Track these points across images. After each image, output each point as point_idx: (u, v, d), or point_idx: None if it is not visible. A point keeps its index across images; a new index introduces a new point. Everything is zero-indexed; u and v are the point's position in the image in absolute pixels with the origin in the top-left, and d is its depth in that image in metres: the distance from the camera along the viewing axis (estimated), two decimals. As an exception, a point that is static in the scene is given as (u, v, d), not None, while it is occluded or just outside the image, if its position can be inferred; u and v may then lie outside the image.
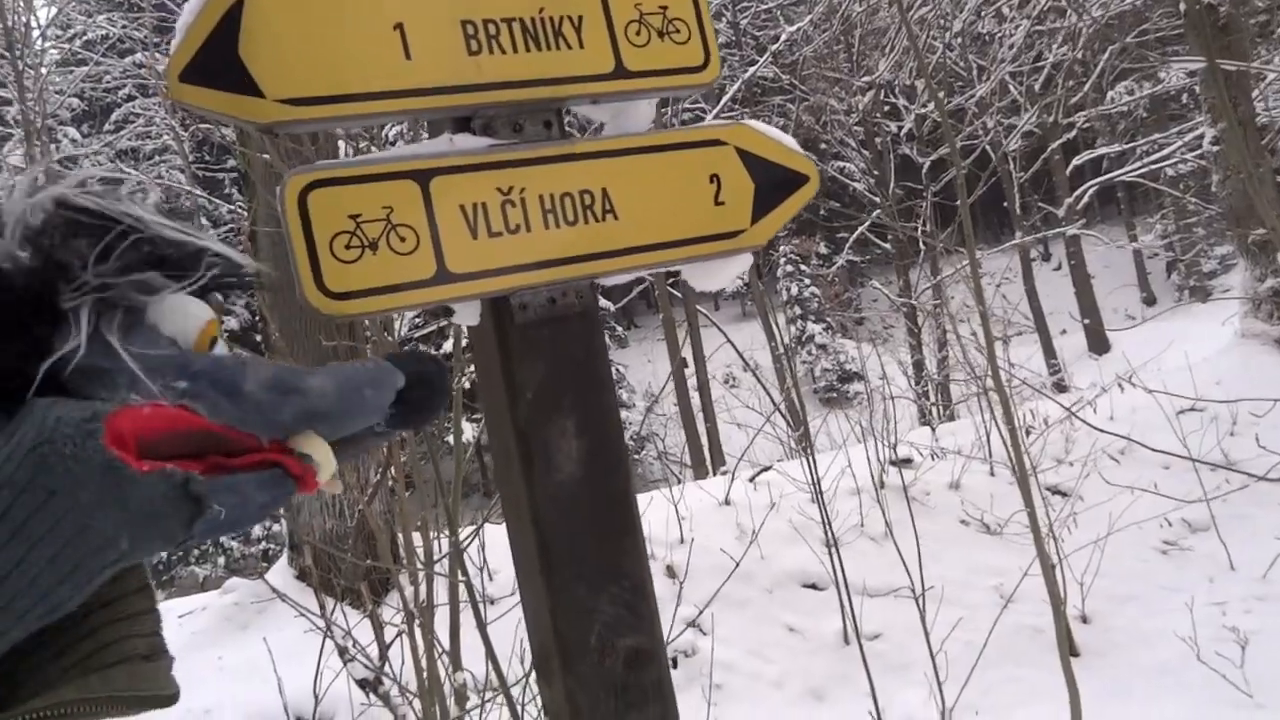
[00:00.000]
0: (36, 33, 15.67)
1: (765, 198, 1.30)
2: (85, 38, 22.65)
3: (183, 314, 0.65)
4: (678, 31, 1.26)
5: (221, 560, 18.67)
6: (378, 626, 3.82)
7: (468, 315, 1.19)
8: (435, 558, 3.32)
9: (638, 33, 1.24)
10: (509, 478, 1.17)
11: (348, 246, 1.03)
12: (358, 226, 1.03)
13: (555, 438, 1.15)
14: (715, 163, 1.28)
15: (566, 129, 1.25)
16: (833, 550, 4.44)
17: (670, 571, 5.10)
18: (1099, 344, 18.85)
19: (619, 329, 25.82)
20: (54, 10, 17.72)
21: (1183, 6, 7.57)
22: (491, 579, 4.52)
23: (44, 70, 16.75)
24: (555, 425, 1.15)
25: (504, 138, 1.18)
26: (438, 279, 1.08)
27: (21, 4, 14.00)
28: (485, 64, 1.14)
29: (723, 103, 14.13)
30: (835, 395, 22.41)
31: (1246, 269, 8.04)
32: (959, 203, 4.74)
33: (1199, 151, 9.75)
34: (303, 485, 0.63)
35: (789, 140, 1.33)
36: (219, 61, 1.00)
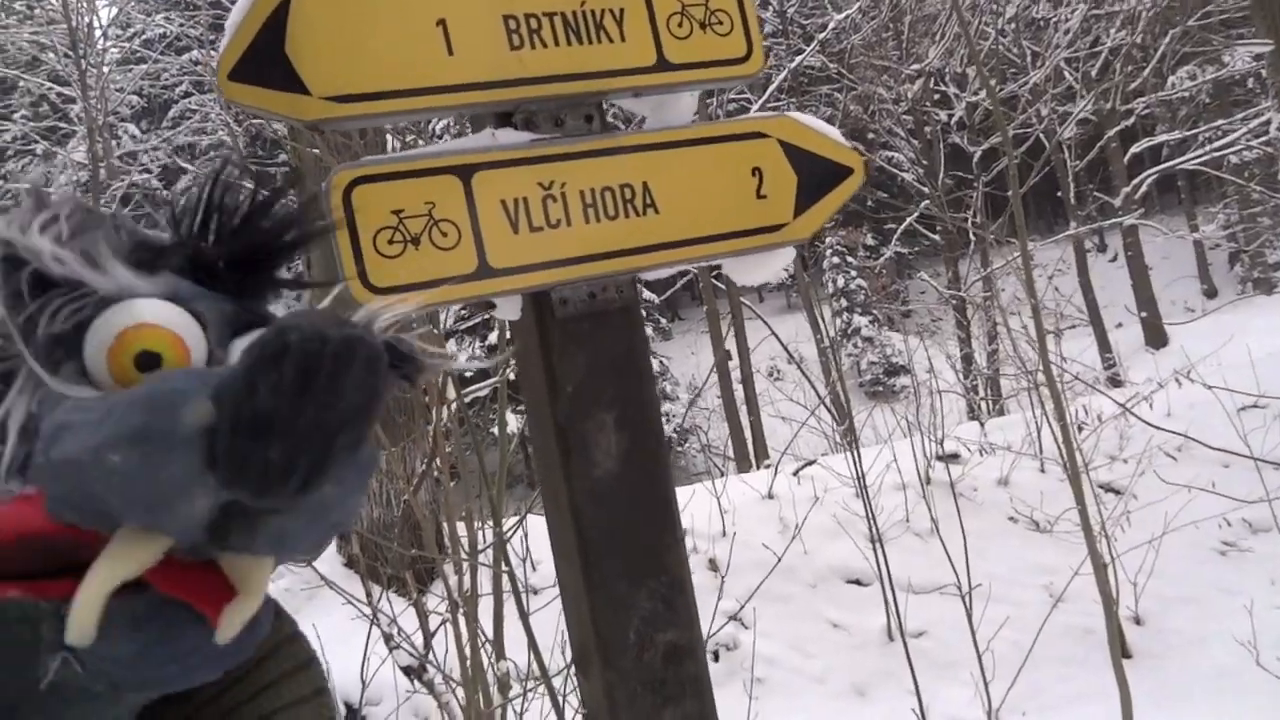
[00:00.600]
0: (99, 32, 16.13)
1: (809, 191, 1.29)
2: (144, 36, 23.24)
3: (97, 337, 0.52)
4: (720, 23, 1.25)
5: (274, 546, 19.10)
6: (422, 615, 3.88)
7: (509, 310, 1.19)
8: (479, 548, 3.35)
9: (679, 24, 1.23)
10: (549, 472, 1.18)
11: (390, 241, 1.04)
12: (400, 222, 1.04)
13: (594, 432, 1.15)
14: (758, 155, 1.27)
15: (609, 122, 1.25)
16: (877, 546, 4.40)
17: (712, 565, 5.09)
18: (1156, 338, 18.34)
19: (663, 321, 25.80)
20: (115, 10, 18.22)
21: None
22: (535, 569, 4.56)
23: (105, 69, 17.22)
24: (595, 420, 1.15)
25: (545, 132, 1.19)
26: (479, 273, 1.09)
27: (85, 5, 14.40)
28: (527, 58, 1.14)
29: (769, 92, 14.01)
30: (881, 389, 22.14)
31: (1314, 261, 7.75)
32: (1010, 193, 4.64)
33: (1265, 138, 9.44)
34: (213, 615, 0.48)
35: (834, 132, 1.32)
36: (266, 60, 1.01)
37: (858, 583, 5.24)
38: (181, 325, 0.53)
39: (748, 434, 14.44)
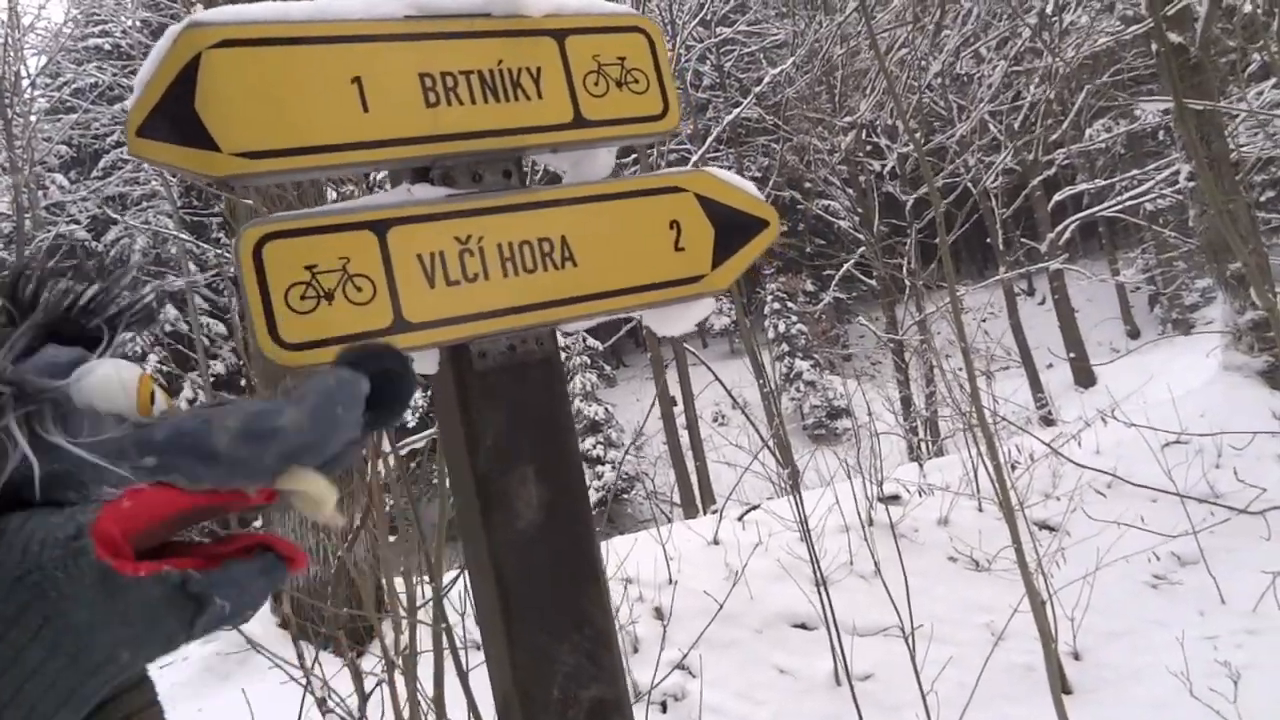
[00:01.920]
0: (26, 81, 15.81)
1: (726, 243, 1.32)
2: (75, 86, 22.82)
3: (116, 383, 0.62)
4: (636, 81, 1.29)
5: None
6: (357, 676, 3.76)
7: (426, 364, 1.19)
8: (418, 604, 3.27)
9: (596, 83, 1.26)
10: (469, 525, 1.17)
11: (303, 297, 1.03)
12: (314, 277, 1.04)
13: (516, 485, 1.14)
14: (675, 209, 1.30)
15: (525, 178, 1.26)
16: (822, 589, 4.41)
17: (658, 613, 5.04)
18: (1084, 377, 18.93)
19: (607, 368, 25.81)
20: (44, 60, 17.89)
21: (1154, 47, 7.73)
22: (477, 624, 4.46)
23: (33, 118, 16.86)
24: (515, 473, 1.15)
25: (463, 187, 1.19)
26: (395, 328, 1.08)
27: (11, 55, 14.13)
28: (443, 115, 1.15)
29: (708, 143, 14.31)
30: (824, 432, 22.39)
31: (1226, 301, 8.12)
32: (939, 241, 4.79)
33: (1176, 187, 9.90)
34: (293, 565, 0.60)
35: (749, 186, 1.35)
36: (175, 117, 1.01)
37: (803, 626, 5.23)
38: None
39: (694, 479, 14.44)
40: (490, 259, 1.15)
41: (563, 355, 1.26)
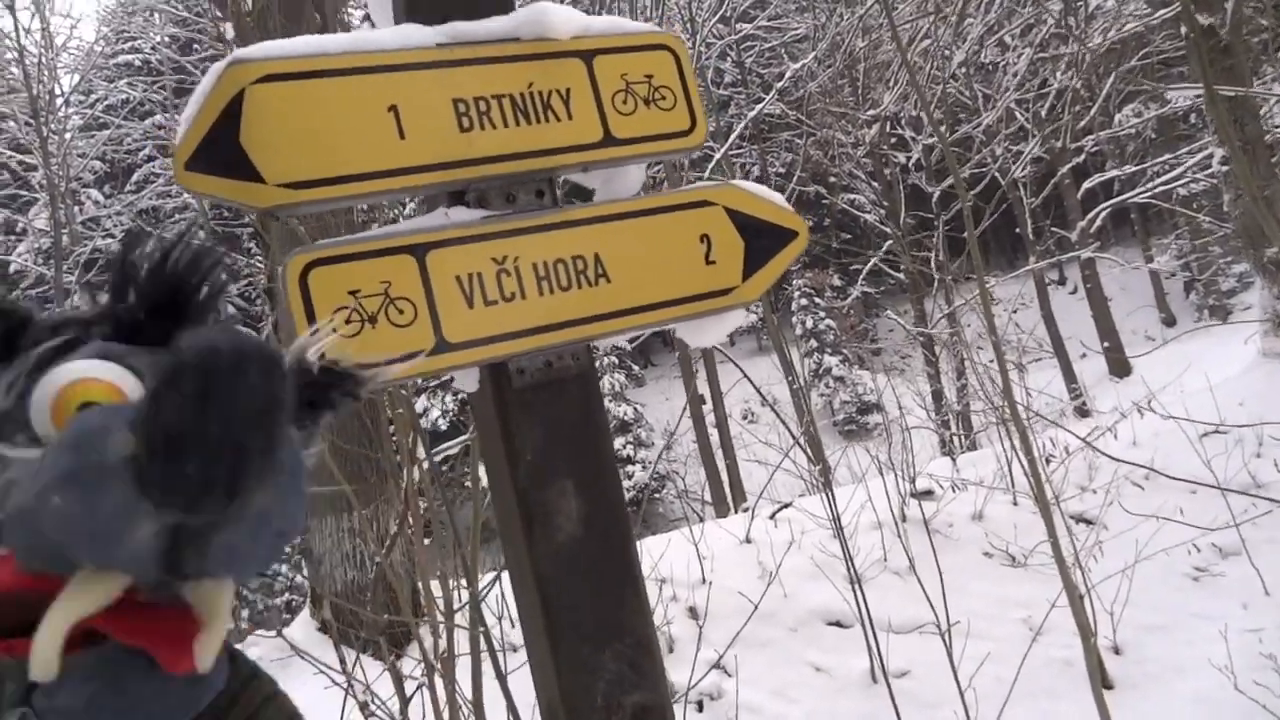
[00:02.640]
0: (60, 100, 16.14)
1: (756, 255, 1.34)
2: (107, 102, 23.25)
3: (41, 392, 0.55)
4: (664, 99, 1.31)
5: (245, 613, 18.65)
6: (398, 680, 3.82)
7: (467, 382, 1.22)
8: (455, 608, 3.32)
9: (624, 101, 1.28)
10: (511, 538, 1.20)
11: (347, 321, 1.06)
12: (357, 301, 1.07)
13: (555, 498, 1.17)
14: (705, 223, 1.32)
15: (559, 197, 1.29)
16: (856, 587, 4.41)
17: (692, 613, 5.06)
18: (1120, 367, 18.65)
19: (635, 368, 25.85)
20: (77, 78, 18.26)
21: (1183, 30, 7.62)
22: (514, 626, 4.51)
23: (67, 135, 17.21)
24: (554, 486, 1.17)
25: (497, 208, 1.22)
26: (437, 349, 1.11)
27: (46, 74, 14.44)
28: (477, 139, 1.18)
29: (730, 140, 14.28)
30: (855, 428, 22.27)
31: (1264, 287, 7.98)
32: (967, 233, 4.77)
33: (1210, 171, 9.75)
34: (170, 664, 0.49)
35: (777, 197, 1.37)
36: (221, 150, 1.05)
37: (839, 624, 5.22)
38: (117, 376, 0.55)
39: (724, 478, 14.43)
40: (526, 278, 1.18)
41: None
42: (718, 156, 12.57)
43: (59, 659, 0.47)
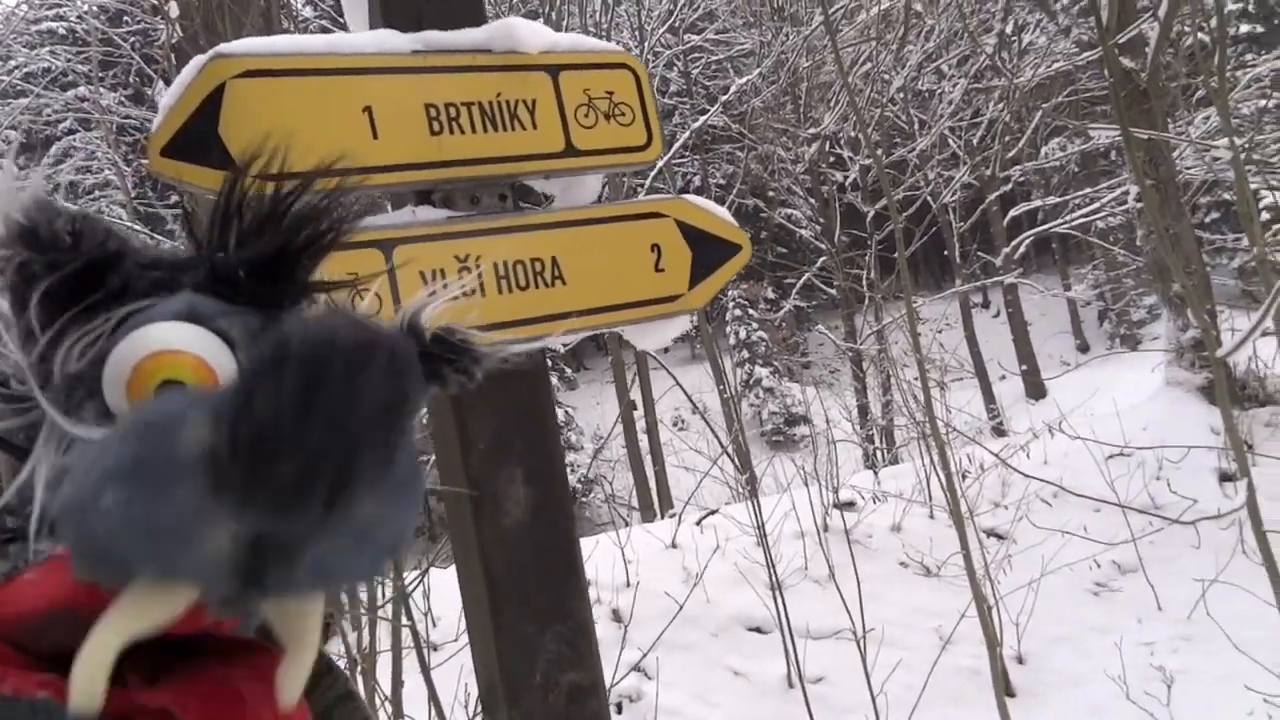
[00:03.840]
0: (-23, 65, 15.44)
1: (702, 265, 1.42)
2: (27, 69, 22.26)
3: (115, 362, 0.46)
4: (623, 114, 1.39)
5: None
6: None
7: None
8: (379, 602, 3.32)
9: (586, 115, 1.36)
10: (460, 522, 1.25)
11: (315, 310, 1.10)
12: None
13: (504, 485, 1.23)
14: (656, 233, 1.40)
15: (520, 202, 1.35)
16: (777, 594, 4.53)
17: (616, 615, 5.12)
18: (1035, 389, 19.38)
19: (568, 371, 25.81)
20: (-4, 43, 17.48)
21: (1106, 71, 8.00)
22: (436, 625, 4.51)
23: (-17, 102, 16.45)
24: (505, 474, 1.23)
25: (462, 209, 1.28)
26: (398, 339, 1.16)
27: (-37, 37, 13.81)
28: (446, 143, 1.24)
29: (674, 149, 14.43)
30: (782, 439, 22.64)
31: (1170, 319, 8.43)
32: (897, 253, 4.96)
33: (1125, 206, 10.25)
34: None
35: (724, 213, 1.45)
36: (199, 139, 1.08)
37: (759, 630, 5.35)
38: (204, 347, 0.47)
39: (652, 483, 14.53)
40: (486, 276, 1.25)
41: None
42: (659, 165, 12.70)
43: (105, 687, 0.39)
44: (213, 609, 0.43)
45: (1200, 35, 6.36)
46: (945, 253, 16.49)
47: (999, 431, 12.29)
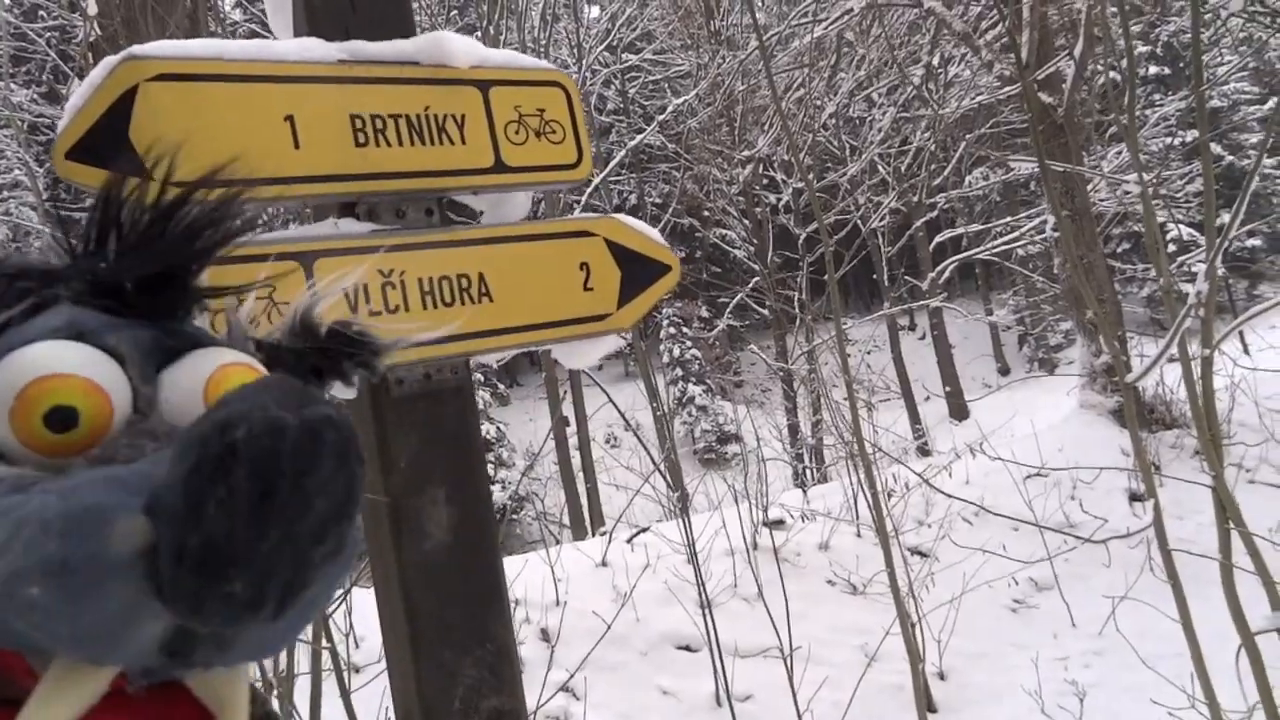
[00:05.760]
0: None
1: (631, 285, 1.42)
2: (-65, 64, 21.20)
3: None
4: (554, 132, 1.38)
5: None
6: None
7: (346, 390, 1.23)
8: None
9: (517, 132, 1.34)
10: (379, 544, 1.22)
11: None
12: (239, 305, 1.07)
13: (426, 506, 1.20)
14: (585, 252, 1.39)
15: (447, 216, 1.33)
16: (706, 612, 4.54)
17: (544, 635, 5.06)
18: (959, 410, 19.92)
19: (500, 387, 25.58)
20: (-98, 34, 16.65)
21: (1025, 106, 8.33)
22: (359, 646, 4.39)
23: (-114, 96, 15.61)
24: (426, 495, 1.20)
25: (387, 223, 1.26)
26: (316, 355, 1.13)
27: None
28: (371, 155, 1.21)
29: (610, 167, 14.49)
30: (714, 456, 22.79)
31: (1084, 345, 8.77)
32: (827, 276, 5.05)
33: (1044, 235, 10.64)
34: None
35: (653, 233, 1.46)
36: (108, 142, 1.04)
37: (688, 648, 5.34)
38: (94, 368, 0.43)
39: (584, 501, 14.47)
40: (411, 292, 1.22)
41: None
42: (596, 182, 12.74)
43: None
44: (133, 680, 0.41)
45: (1112, 74, 6.66)
46: (874, 276, 16.88)
47: (924, 451, 12.59)
